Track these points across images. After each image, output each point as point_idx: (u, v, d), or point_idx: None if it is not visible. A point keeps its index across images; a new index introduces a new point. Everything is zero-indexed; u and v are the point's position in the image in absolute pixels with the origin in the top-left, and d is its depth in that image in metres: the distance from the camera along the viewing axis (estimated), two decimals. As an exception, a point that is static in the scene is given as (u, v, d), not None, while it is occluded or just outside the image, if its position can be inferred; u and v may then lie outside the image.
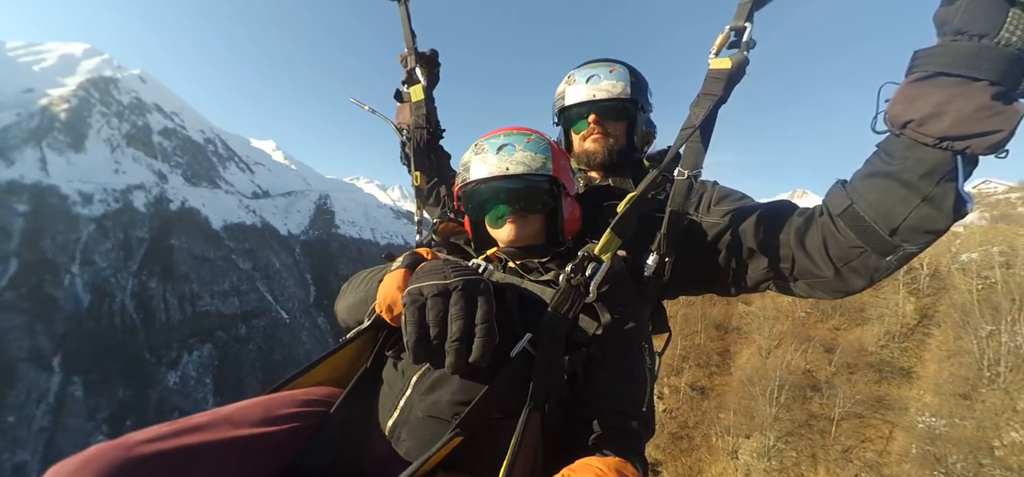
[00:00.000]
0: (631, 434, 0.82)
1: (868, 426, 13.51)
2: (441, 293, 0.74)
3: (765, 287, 1.07)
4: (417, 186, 1.59)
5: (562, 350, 0.84)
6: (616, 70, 1.33)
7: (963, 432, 11.83)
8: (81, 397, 54.80)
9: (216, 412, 0.77)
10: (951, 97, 0.70)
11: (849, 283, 0.91)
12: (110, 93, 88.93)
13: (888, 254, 0.83)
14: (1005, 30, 0.67)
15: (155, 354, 64.19)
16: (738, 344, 17.02)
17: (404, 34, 1.59)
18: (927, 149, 0.74)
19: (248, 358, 71.64)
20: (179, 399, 61.20)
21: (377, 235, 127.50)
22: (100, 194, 72.76)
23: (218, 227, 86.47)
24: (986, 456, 11.24)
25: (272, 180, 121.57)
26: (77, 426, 51.63)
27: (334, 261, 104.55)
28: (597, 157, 1.34)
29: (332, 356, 0.98)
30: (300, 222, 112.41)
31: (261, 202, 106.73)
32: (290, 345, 77.88)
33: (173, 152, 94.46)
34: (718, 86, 0.94)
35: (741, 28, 0.94)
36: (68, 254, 63.84)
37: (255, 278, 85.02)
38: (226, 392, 63.75)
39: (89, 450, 0.62)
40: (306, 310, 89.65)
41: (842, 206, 0.87)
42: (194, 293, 72.86)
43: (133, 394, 58.21)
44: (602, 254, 0.90)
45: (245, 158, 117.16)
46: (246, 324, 76.05)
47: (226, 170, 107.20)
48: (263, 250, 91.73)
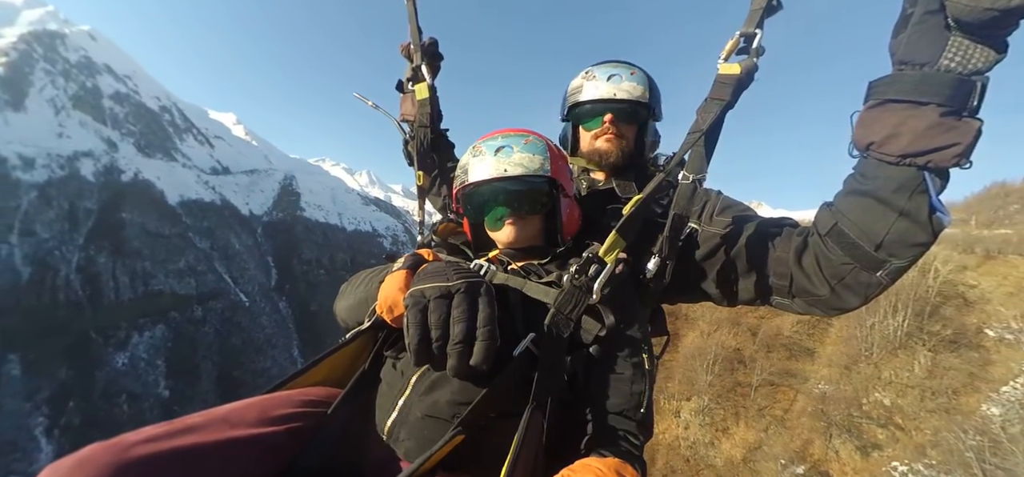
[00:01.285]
0: (630, 435, 0.82)
1: (778, 391, 17.25)
2: (444, 295, 0.74)
3: (763, 302, 1.09)
4: (420, 186, 1.58)
5: (565, 350, 0.85)
6: (637, 73, 1.33)
7: (843, 393, 15.62)
8: (18, 376, 51.12)
9: (212, 412, 0.76)
10: (904, 119, 0.76)
11: (844, 301, 0.93)
12: (55, 49, 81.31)
13: (877, 269, 0.85)
14: (944, 57, 0.72)
15: (102, 334, 60.58)
16: (685, 328, 20.39)
17: (411, 29, 1.57)
18: (893, 167, 0.79)
19: (204, 341, 68.97)
20: (128, 381, 58.26)
21: (345, 220, 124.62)
22: (43, 159, 67.08)
23: (174, 202, 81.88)
24: (856, 410, 15.06)
25: (233, 156, 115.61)
26: (13, 407, 48.29)
27: (298, 244, 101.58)
28: (609, 157, 1.34)
29: (330, 356, 0.98)
30: (263, 202, 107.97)
31: (221, 179, 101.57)
32: (249, 329, 75.49)
33: (125, 119, 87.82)
34: (726, 91, 0.95)
35: (751, 34, 0.95)
36: (5, 222, 58.74)
37: (213, 258, 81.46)
38: (180, 375, 61.46)
39: (83, 451, 0.61)
40: (267, 294, 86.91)
41: (828, 225, 0.90)
42: (147, 271, 69.05)
43: (77, 375, 54.88)
44: (606, 256, 0.90)
45: (204, 130, 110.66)
46: (202, 306, 72.94)
47: (183, 142, 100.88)
48: (222, 229, 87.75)
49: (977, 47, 0.71)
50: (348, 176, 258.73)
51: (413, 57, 1.59)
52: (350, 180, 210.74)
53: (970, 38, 0.70)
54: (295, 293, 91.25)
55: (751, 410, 16.92)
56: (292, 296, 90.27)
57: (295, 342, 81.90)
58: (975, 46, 0.71)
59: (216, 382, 64.60)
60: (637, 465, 0.75)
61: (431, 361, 0.74)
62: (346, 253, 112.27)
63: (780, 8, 0.95)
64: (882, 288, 0.88)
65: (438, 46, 1.61)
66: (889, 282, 0.87)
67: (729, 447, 16.30)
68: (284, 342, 79.26)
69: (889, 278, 0.86)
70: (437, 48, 1.61)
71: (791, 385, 17.23)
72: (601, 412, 0.83)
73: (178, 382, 61.07)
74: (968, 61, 0.71)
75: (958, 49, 0.71)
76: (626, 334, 0.90)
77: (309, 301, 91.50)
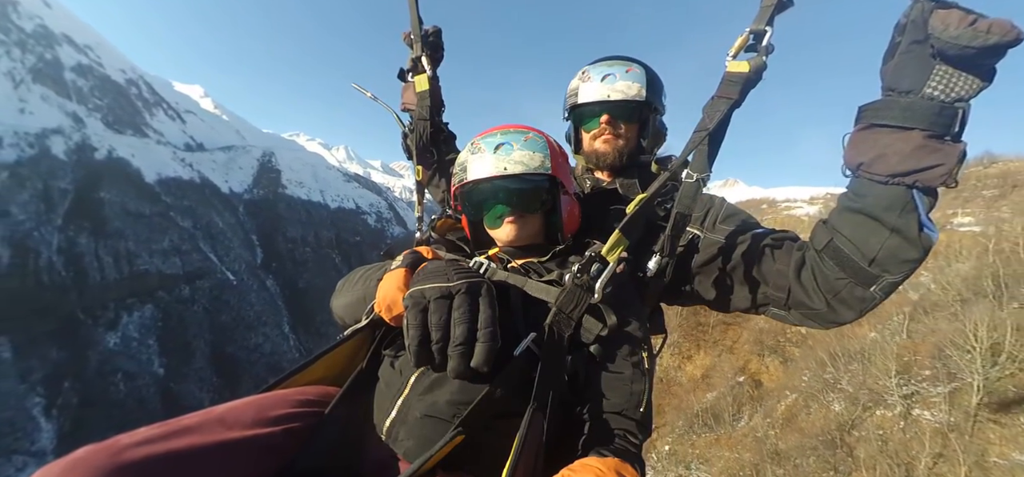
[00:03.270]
0: (629, 434, 0.82)
1: (729, 329, 22.22)
2: (444, 296, 0.74)
3: (761, 311, 1.10)
4: (419, 180, 1.54)
5: (566, 350, 0.85)
6: (632, 70, 1.30)
7: (774, 326, 20.60)
8: (9, 358, 51.39)
9: (207, 413, 0.75)
10: (891, 141, 0.79)
11: (839, 315, 0.95)
12: (8, 17, 75.89)
13: (871, 284, 0.87)
14: (928, 86, 0.76)
15: (90, 315, 60.61)
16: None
17: (411, 20, 1.52)
18: (882, 186, 0.82)
19: (194, 320, 69.65)
20: (123, 361, 59.08)
21: (327, 197, 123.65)
22: (10, 137, 64.14)
23: (152, 180, 79.98)
24: (782, 336, 20.06)
25: (206, 131, 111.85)
26: (8, 388, 48.89)
27: (282, 222, 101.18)
28: (607, 158, 1.33)
29: (327, 354, 0.97)
30: (242, 180, 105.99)
31: (197, 156, 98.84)
32: (238, 307, 76.32)
33: (90, 93, 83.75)
34: (734, 89, 0.94)
35: (761, 32, 0.94)
36: (-24, 204, 57.08)
37: (197, 237, 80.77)
38: (173, 353, 62.46)
39: (76, 453, 0.60)
40: (254, 272, 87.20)
41: (824, 241, 0.92)
42: (131, 251, 68.41)
43: (69, 356, 55.37)
44: (608, 255, 0.90)
45: (174, 105, 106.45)
46: (189, 285, 73.04)
47: (153, 117, 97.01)
48: (204, 208, 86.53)
49: (961, 76, 0.73)
50: (325, 151, 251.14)
51: (413, 46, 1.54)
52: (327, 156, 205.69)
53: (954, 67, 0.73)
54: (282, 271, 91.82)
55: (708, 342, 22.14)
56: (279, 274, 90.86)
57: (285, 319, 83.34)
58: (959, 75, 0.73)
59: (210, 360, 65.96)
60: (637, 464, 0.75)
61: (431, 362, 0.73)
62: (330, 230, 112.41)
63: (791, 4, 0.94)
64: (876, 303, 0.90)
65: (441, 36, 1.58)
66: (883, 297, 0.89)
67: (691, 369, 21.75)
68: (274, 319, 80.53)
69: (883, 293, 0.88)
70: (440, 37, 1.57)
71: (739, 324, 22.25)
72: (600, 411, 0.84)
73: (172, 360, 62.09)
74: (951, 90, 0.74)
75: (942, 78, 0.74)
76: (626, 333, 0.89)
77: (296, 279, 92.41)
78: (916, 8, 0.75)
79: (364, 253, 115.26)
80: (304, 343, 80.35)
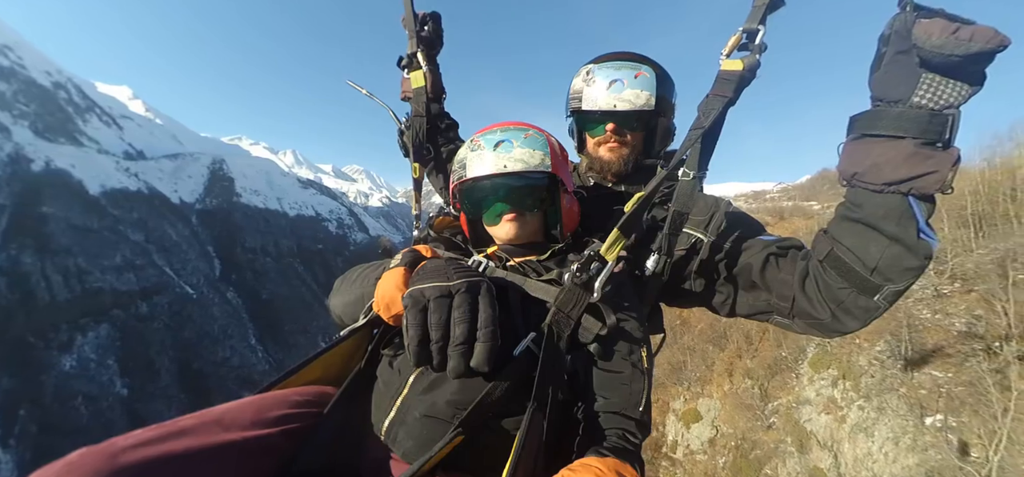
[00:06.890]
0: (628, 434, 0.81)
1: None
2: (444, 295, 0.73)
3: (764, 319, 1.08)
4: (416, 178, 1.51)
5: (565, 349, 0.84)
6: (641, 76, 1.22)
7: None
8: (-43, 388, 47.93)
9: (205, 413, 0.74)
10: (883, 151, 0.79)
11: (844, 325, 0.93)
12: (-88, 15, 67.06)
13: (874, 293, 0.86)
14: (916, 94, 0.75)
15: (41, 337, 57.06)
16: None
17: (406, 13, 1.49)
18: (878, 195, 0.81)
19: (156, 337, 67.07)
20: (81, 383, 56.37)
21: (285, 205, 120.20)
22: (-67, 150, 58.03)
23: (96, 193, 74.93)
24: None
25: (144, 137, 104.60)
26: (-42, 420, 45.86)
27: (239, 232, 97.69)
28: (612, 166, 1.29)
29: (325, 354, 0.95)
30: (193, 189, 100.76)
31: (141, 165, 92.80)
32: (201, 322, 74.02)
33: (15, 99, 76.21)
34: (729, 88, 0.94)
35: (754, 31, 0.94)
36: (-99, 225, 51.60)
37: (150, 251, 76.95)
38: (135, 372, 60.19)
39: (72, 456, 0.59)
40: (213, 284, 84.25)
41: (825, 251, 0.91)
42: (81, 268, 64.58)
43: (22, 382, 52.25)
44: (607, 254, 0.89)
45: (108, 109, 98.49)
46: (147, 301, 69.93)
47: (87, 124, 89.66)
48: (155, 220, 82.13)
49: (948, 83, 0.73)
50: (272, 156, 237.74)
51: (409, 40, 1.50)
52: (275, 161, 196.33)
53: (941, 74, 0.73)
54: (243, 283, 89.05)
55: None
56: (240, 286, 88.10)
57: (251, 330, 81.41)
58: (946, 82, 0.73)
59: (177, 376, 64.01)
60: (636, 464, 0.75)
61: (431, 362, 0.73)
62: (291, 239, 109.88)
63: (783, 4, 0.94)
64: (880, 312, 0.89)
65: (440, 21, 1.54)
66: (887, 306, 0.87)
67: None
68: (239, 331, 78.60)
69: (887, 302, 0.87)
70: (438, 24, 1.54)
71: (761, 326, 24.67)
72: (600, 411, 0.83)
73: (135, 380, 59.68)
74: (939, 97, 0.73)
75: (929, 86, 0.74)
76: (625, 333, 0.89)
77: (259, 290, 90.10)
78: (899, 19, 0.75)
79: (328, 260, 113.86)
80: (273, 354, 79.27)
